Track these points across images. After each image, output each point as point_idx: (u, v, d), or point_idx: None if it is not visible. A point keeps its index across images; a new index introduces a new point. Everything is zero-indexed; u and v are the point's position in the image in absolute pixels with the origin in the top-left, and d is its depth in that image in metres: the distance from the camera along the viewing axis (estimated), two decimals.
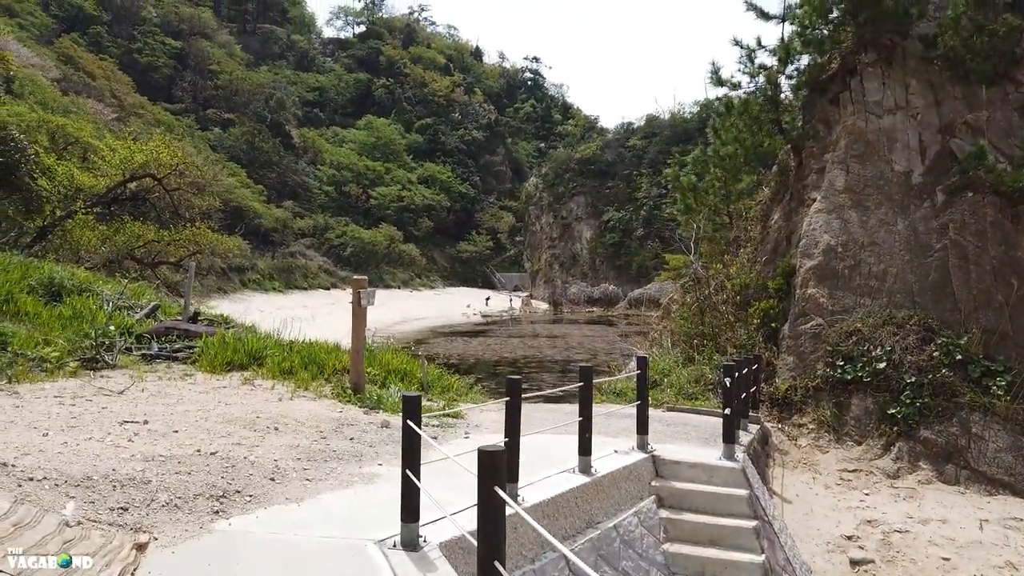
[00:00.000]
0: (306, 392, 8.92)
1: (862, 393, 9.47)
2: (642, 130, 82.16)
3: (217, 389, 8.57)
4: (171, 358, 9.13)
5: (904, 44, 11.16)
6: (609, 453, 6.92)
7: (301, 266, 61.82)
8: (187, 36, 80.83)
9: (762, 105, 11.86)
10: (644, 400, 7.26)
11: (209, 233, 18.04)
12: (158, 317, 10.76)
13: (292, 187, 75.79)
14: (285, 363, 9.47)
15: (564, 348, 36.52)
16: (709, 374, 10.78)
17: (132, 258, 16.67)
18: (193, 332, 9.60)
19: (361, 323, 8.83)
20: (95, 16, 73.36)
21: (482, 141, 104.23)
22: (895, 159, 10.71)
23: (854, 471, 9.08)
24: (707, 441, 8.02)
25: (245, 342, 9.72)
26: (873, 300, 10.03)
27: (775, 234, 11.88)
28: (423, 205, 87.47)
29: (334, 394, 8.84)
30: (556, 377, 25.88)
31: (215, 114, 74.87)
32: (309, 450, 6.53)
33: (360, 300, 8.59)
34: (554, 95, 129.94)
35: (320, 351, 10.28)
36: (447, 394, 10.44)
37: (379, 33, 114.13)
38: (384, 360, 10.61)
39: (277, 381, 9.18)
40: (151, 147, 16.91)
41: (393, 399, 8.67)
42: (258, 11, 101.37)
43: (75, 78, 59.04)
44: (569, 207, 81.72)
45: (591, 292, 70.56)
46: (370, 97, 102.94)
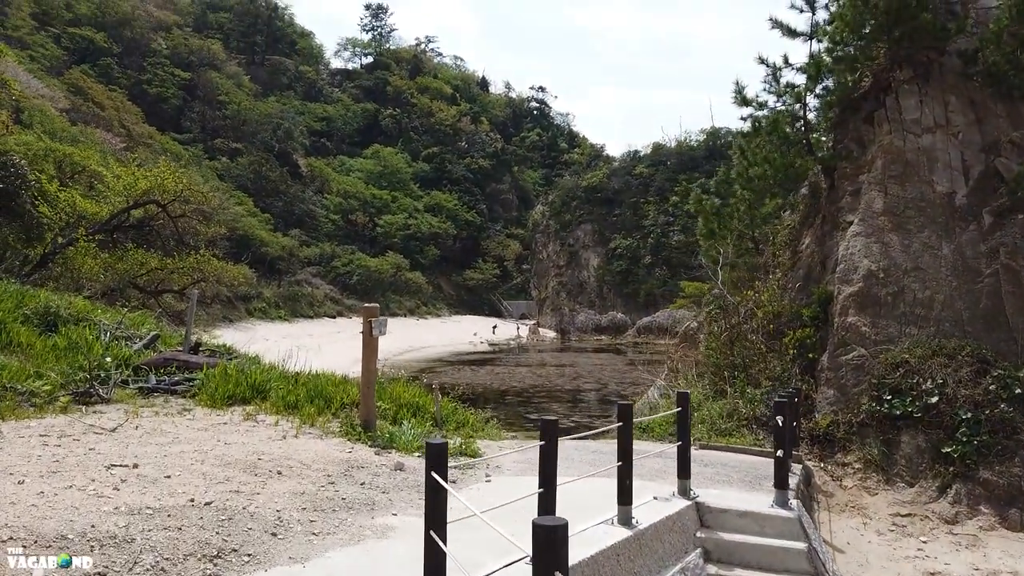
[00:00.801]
0: (312, 428, 8.30)
1: (912, 430, 8.74)
2: (648, 158, 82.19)
3: (217, 426, 7.96)
4: (170, 391, 8.55)
5: (941, 60, 10.65)
6: (648, 500, 6.22)
7: (307, 294, 61.39)
8: (196, 67, 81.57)
9: (792, 124, 11.33)
10: (686, 440, 6.57)
11: (214, 261, 17.54)
12: (158, 348, 10.19)
13: (299, 216, 75.74)
14: (290, 397, 8.91)
15: (573, 377, 35.74)
16: (743, 408, 10.06)
17: (135, 286, 16.16)
18: (193, 364, 9.02)
19: (372, 354, 8.19)
20: (106, 48, 74.02)
21: (488, 169, 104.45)
22: (936, 180, 10.13)
23: (908, 516, 8.31)
24: (752, 484, 7.31)
25: (248, 374, 9.16)
26: (919, 329, 9.35)
27: (807, 259, 11.23)
28: (429, 233, 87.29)
29: (342, 431, 8.19)
30: (567, 407, 25.10)
31: (223, 144, 75.18)
32: (316, 498, 5.86)
33: (371, 330, 7.96)
34: (560, 124, 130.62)
35: (327, 383, 9.70)
36: (463, 430, 9.77)
37: (386, 64, 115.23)
38: (395, 393, 9.99)
39: (281, 416, 8.60)
40: (155, 173, 16.50)
41: (406, 437, 8.03)
42: (267, 43, 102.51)
43: (84, 108, 59.32)
44: (576, 235, 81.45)
45: (599, 320, 69.80)
46: (377, 126, 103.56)
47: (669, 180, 77.29)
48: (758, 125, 11.47)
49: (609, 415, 23.30)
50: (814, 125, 11.79)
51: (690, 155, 79.40)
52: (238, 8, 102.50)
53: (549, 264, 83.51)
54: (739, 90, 11.97)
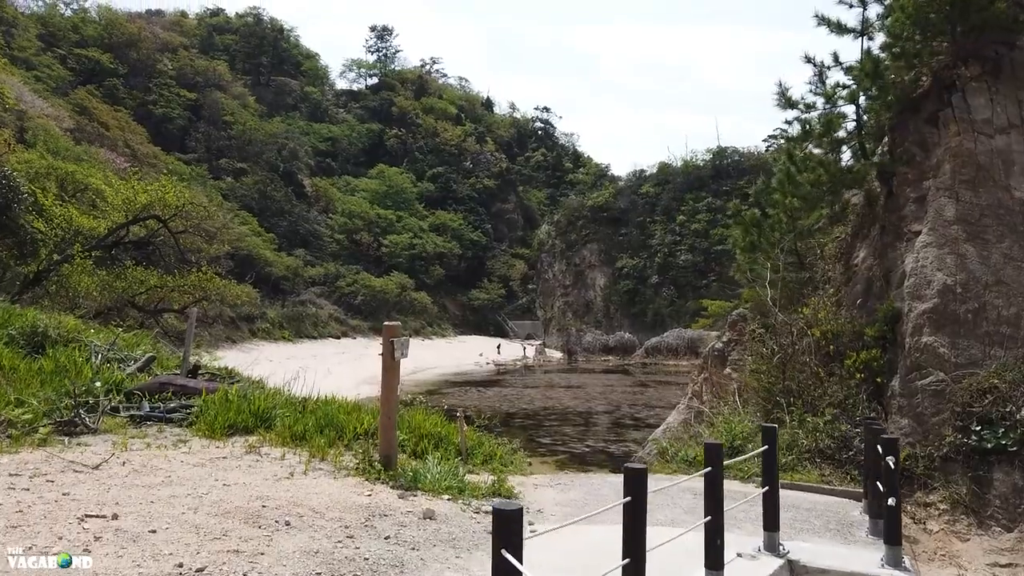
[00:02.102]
0: (323, 463, 7.27)
1: (1008, 465, 7.65)
2: (654, 177, 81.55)
3: (215, 460, 6.93)
4: (164, 419, 7.61)
5: (1012, 55, 9.74)
6: (732, 558, 5.15)
7: (311, 315, 60.47)
8: (202, 88, 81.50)
9: (846, 126, 10.39)
10: (774, 484, 5.52)
11: (216, 279, 16.57)
12: (153, 370, 9.20)
13: (303, 235, 75.11)
14: (297, 426, 7.92)
15: (584, 399, 34.58)
16: (803, 439, 8.99)
17: (133, 305, 15.19)
18: (192, 388, 8.04)
19: (393, 379, 7.13)
20: (112, 69, 73.96)
21: (493, 189, 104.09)
22: (1014, 184, 9.15)
23: (1008, 565, 7.21)
24: (841, 534, 6.24)
25: (251, 400, 8.17)
26: (1006, 350, 8.31)
27: (865, 273, 10.18)
28: (435, 253, 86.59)
29: (359, 468, 7.13)
30: (580, 431, 23.94)
31: (228, 163, 74.80)
32: (332, 559, 4.78)
33: (393, 351, 6.92)
34: (564, 144, 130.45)
35: (338, 411, 8.68)
36: (491, 463, 8.71)
37: (391, 85, 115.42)
38: (414, 422, 8.94)
39: (288, 448, 7.63)
40: (156, 187, 15.60)
41: (433, 475, 6.96)
42: (272, 64, 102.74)
43: (89, 128, 58.99)
44: (582, 254, 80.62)
45: (606, 341, 68.47)
46: (382, 147, 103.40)
47: (675, 199, 76.60)
48: (808, 128, 10.51)
49: (625, 439, 22.14)
50: (868, 128, 10.82)
51: (696, 174, 78.75)
52: (244, 30, 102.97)
53: (555, 284, 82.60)
54: (783, 91, 11.03)
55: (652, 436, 13.53)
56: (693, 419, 11.99)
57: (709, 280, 69.23)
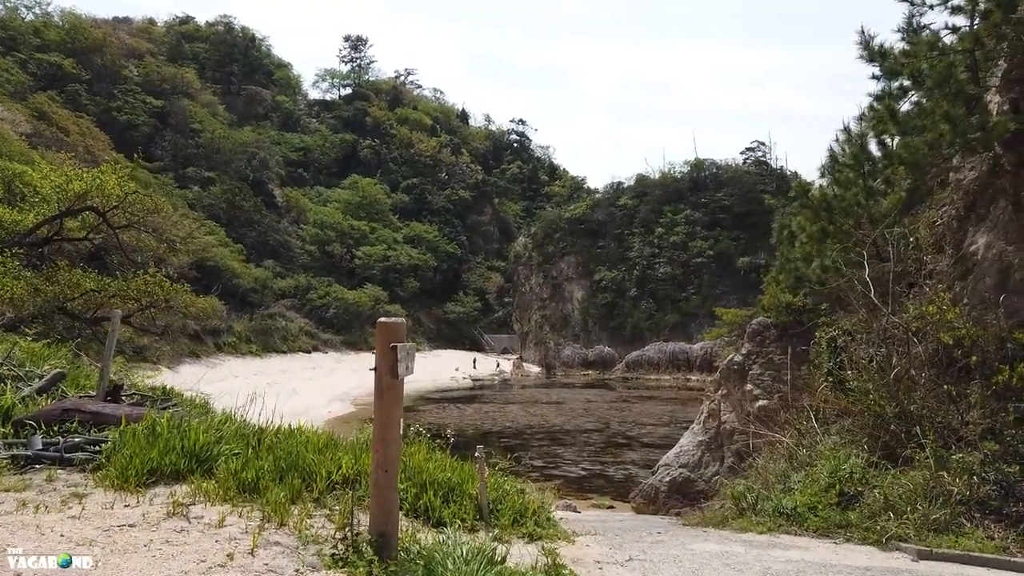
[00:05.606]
0: (281, 534, 4.62)
1: None
2: (632, 189, 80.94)
3: (116, 532, 4.33)
4: (61, 461, 5.42)
5: None
6: None
7: (281, 328, 58.38)
8: (169, 95, 79.21)
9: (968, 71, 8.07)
10: None
11: (166, 283, 14.68)
12: (63, 391, 7.38)
13: (273, 246, 73.03)
14: (248, 471, 5.43)
15: (569, 415, 33.24)
16: (953, 486, 6.60)
17: (65, 312, 13.29)
18: (107, 416, 6.14)
19: (394, 408, 4.33)
20: (74, 75, 71.45)
21: (469, 201, 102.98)
22: None
23: None
24: None
25: (188, 432, 5.75)
26: None
27: (993, 262, 8.30)
28: (409, 265, 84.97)
29: (337, 554, 4.33)
30: (573, 451, 22.53)
31: (195, 172, 72.57)
32: None
33: (396, 365, 4.22)
34: (540, 157, 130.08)
35: (306, 447, 6.15)
36: (523, 524, 6.43)
37: (365, 95, 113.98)
38: (413, 463, 6.42)
39: (232, 506, 5.00)
40: (94, 174, 13.66)
41: (457, 564, 4.19)
42: (243, 73, 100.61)
43: (48, 133, 56.59)
44: (559, 267, 79.51)
45: (586, 355, 67.26)
46: (355, 157, 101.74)
47: (653, 212, 76.01)
48: (919, 76, 8.30)
49: (622, 460, 20.80)
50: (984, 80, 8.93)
51: (675, 186, 78.36)
52: (214, 38, 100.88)
53: (532, 297, 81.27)
54: (866, 41, 9.01)
55: (663, 461, 12.12)
56: (712, 444, 10.45)
57: (688, 293, 68.53)
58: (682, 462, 12.45)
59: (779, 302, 12.90)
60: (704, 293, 67.16)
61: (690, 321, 65.57)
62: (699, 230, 71.78)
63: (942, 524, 6.38)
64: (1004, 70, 8.56)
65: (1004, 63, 8.59)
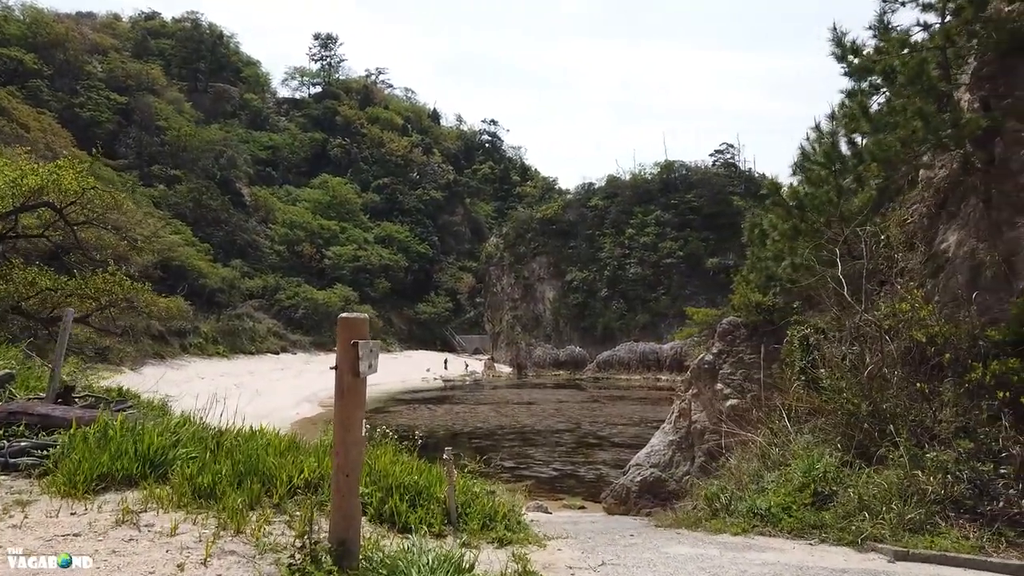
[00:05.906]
0: (237, 542, 4.41)
1: None
2: (603, 190, 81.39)
3: (60, 542, 4.09)
4: (4, 466, 5.26)
5: None
6: None
7: (248, 329, 57.39)
8: (133, 92, 77.39)
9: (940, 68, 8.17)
10: None
11: (126, 281, 14.24)
12: (12, 393, 7.07)
13: (241, 246, 71.82)
14: (204, 477, 5.19)
15: (540, 416, 33.18)
16: (928, 484, 6.53)
17: (19, 311, 12.81)
18: (56, 419, 5.88)
19: (356, 408, 4.14)
20: (35, 70, 69.46)
21: (441, 201, 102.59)
22: None
23: None
24: None
25: (142, 435, 5.56)
26: None
27: (964, 260, 8.35)
28: (380, 265, 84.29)
29: (294, 564, 4.08)
30: (544, 451, 22.47)
31: (160, 170, 71.00)
32: None
33: (357, 363, 4.03)
34: (512, 157, 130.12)
35: (266, 451, 5.92)
36: (493, 529, 6.20)
37: (335, 94, 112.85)
38: (378, 466, 6.22)
39: (187, 514, 4.74)
40: (50, 168, 13.17)
41: (423, 575, 4.10)
42: (211, 71, 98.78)
43: (7, 129, 54.98)
44: (531, 267, 79.62)
45: (557, 355, 67.38)
46: (325, 156, 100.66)
47: (624, 212, 76.49)
48: (891, 73, 8.34)
49: (593, 460, 20.79)
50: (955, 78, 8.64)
51: (645, 188, 78.96)
52: (180, 35, 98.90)
53: (503, 297, 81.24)
54: (838, 37, 9.04)
55: (634, 461, 12.06)
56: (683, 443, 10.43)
57: (659, 293, 69.07)
58: (653, 462, 12.43)
59: (749, 301, 12.96)
60: (674, 293, 67.72)
61: (660, 321, 66.08)
62: (669, 231, 72.41)
63: (917, 524, 6.36)
64: (975, 68, 8.69)
65: (975, 61, 8.72)
